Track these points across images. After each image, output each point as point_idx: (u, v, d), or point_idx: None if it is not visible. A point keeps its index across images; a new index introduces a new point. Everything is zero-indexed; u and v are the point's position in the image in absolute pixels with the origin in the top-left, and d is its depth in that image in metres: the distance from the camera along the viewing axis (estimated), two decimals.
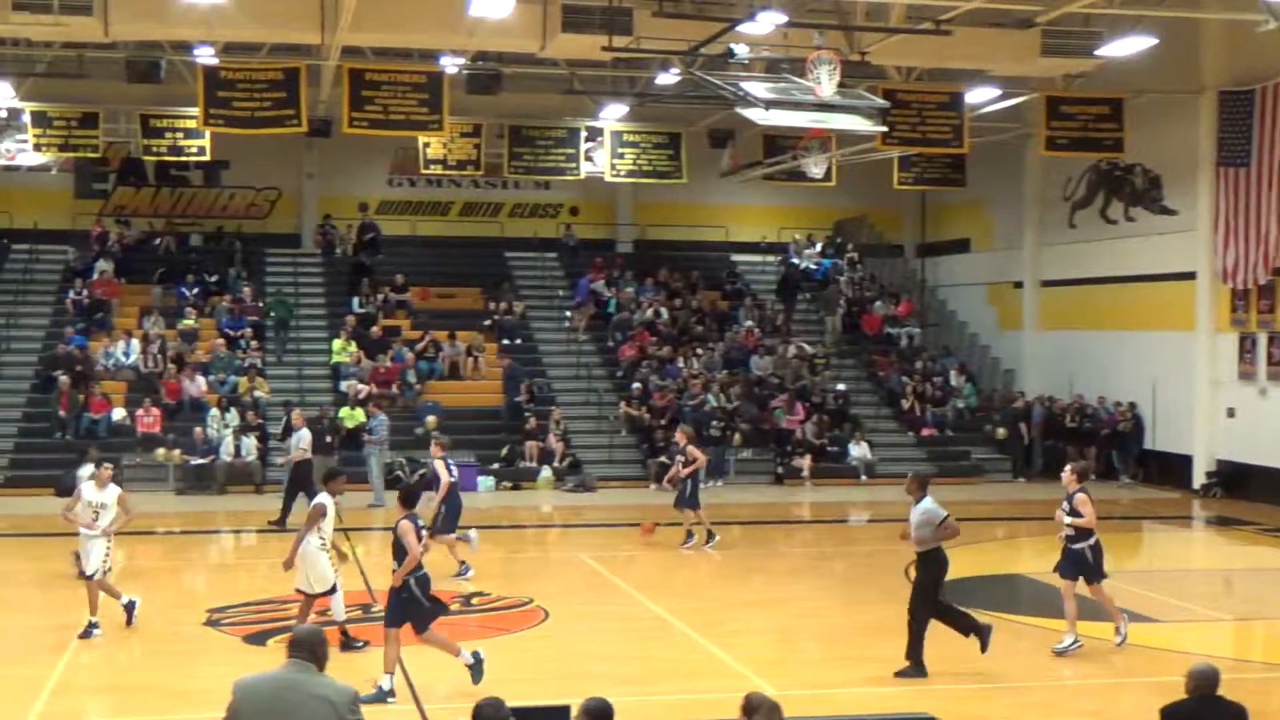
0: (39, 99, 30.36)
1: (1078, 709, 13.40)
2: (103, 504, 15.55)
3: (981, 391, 36.33)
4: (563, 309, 37.71)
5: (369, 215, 39.04)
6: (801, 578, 21.27)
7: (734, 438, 32.33)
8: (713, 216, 40.74)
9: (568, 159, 32.50)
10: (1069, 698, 13.70)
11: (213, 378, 32.07)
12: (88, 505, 15.54)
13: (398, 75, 26.74)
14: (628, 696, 12.26)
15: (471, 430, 32.14)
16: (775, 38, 22.88)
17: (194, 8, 23.52)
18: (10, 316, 34.46)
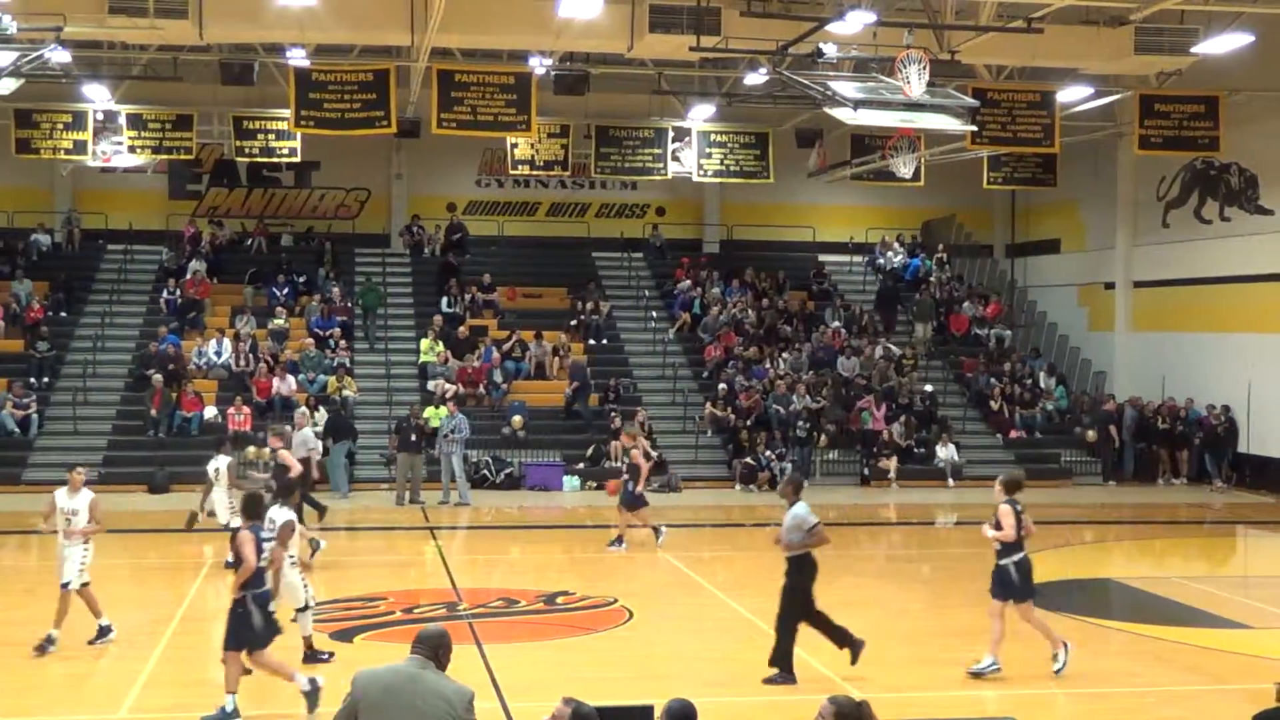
0: (135, 102, 30.89)
1: (1164, 715, 13.19)
2: (75, 510, 14.60)
3: (1072, 394, 35.89)
4: (649, 309, 37.72)
5: (457, 216, 39.35)
6: (887, 580, 21.12)
7: (820, 439, 32.18)
8: (800, 216, 40.58)
9: (654, 159, 32.54)
10: (1157, 705, 13.48)
11: (302, 377, 32.41)
12: (60, 512, 14.59)
13: (486, 76, 26.90)
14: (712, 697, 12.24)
15: (557, 430, 32.26)
16: (864, 37, 22.76)
17: (287, 10, 23.80)
18: (105, 316, 35.06)
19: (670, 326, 36.86)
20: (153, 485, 28.72)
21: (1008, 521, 13.88)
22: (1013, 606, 14.04)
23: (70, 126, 30.53)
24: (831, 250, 41.31)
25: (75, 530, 14.51)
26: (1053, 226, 40.25)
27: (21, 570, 21.50)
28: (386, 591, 18.40)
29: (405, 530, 25.00)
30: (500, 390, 32.79)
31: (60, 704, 12.66)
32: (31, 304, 34.26)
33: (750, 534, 25.98)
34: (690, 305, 37.13)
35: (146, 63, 29.57)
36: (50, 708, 12.53)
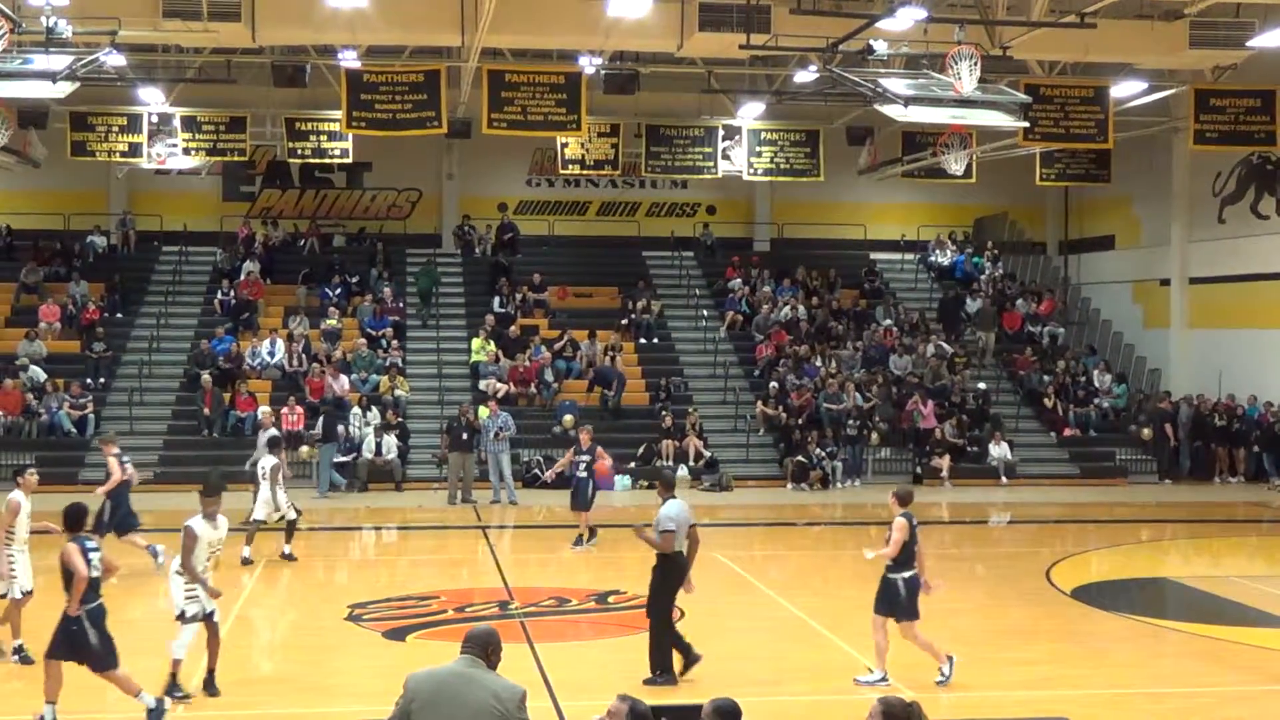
0: (189, 104, 31.18)
1: (1222, 716, 13.03)
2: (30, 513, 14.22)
3: (1127, 391, 35.59)
4: (700, 308, 37.69)
5: (508, 215, 39.45)
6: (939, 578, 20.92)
7: (872, 437, 32.06)
8: (851, 214, 40.44)
9: (705, 158, 32.54)
10: (1214, 705, 13.32)
11: (355, 376, 32.59)
12: None
13: (536, 76, 26.98)
14: (761, 697, 12.23)
15: (609, 429, 32.25)
16: (915, 33, 22.65)
17: (338, 13, 23.96)
18: (160, 317, 35.38)
19: (721, 325, 36.81)
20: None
21: (895, 537, 13.41)
22: (895, 624, 13.47)
23: (125, 129, 30.89)
24: (883, 248, 41.15)
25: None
26: (1107, 223, 39.93)
27: None
28: (439, 590, 18.46)
29: (457, 529, 25.09)
30: (551, 389, 32.84)
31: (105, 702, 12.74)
32: (88, 305, 34.62)
33: (802, 533, 25.92)
34: (741, 304, 37.08)
35: (200, 65, 29.82)
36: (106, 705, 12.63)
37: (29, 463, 15.65)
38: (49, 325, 33.92)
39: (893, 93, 21.87)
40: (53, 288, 35.68)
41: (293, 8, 24.28)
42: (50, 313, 34.26)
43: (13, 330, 33.98)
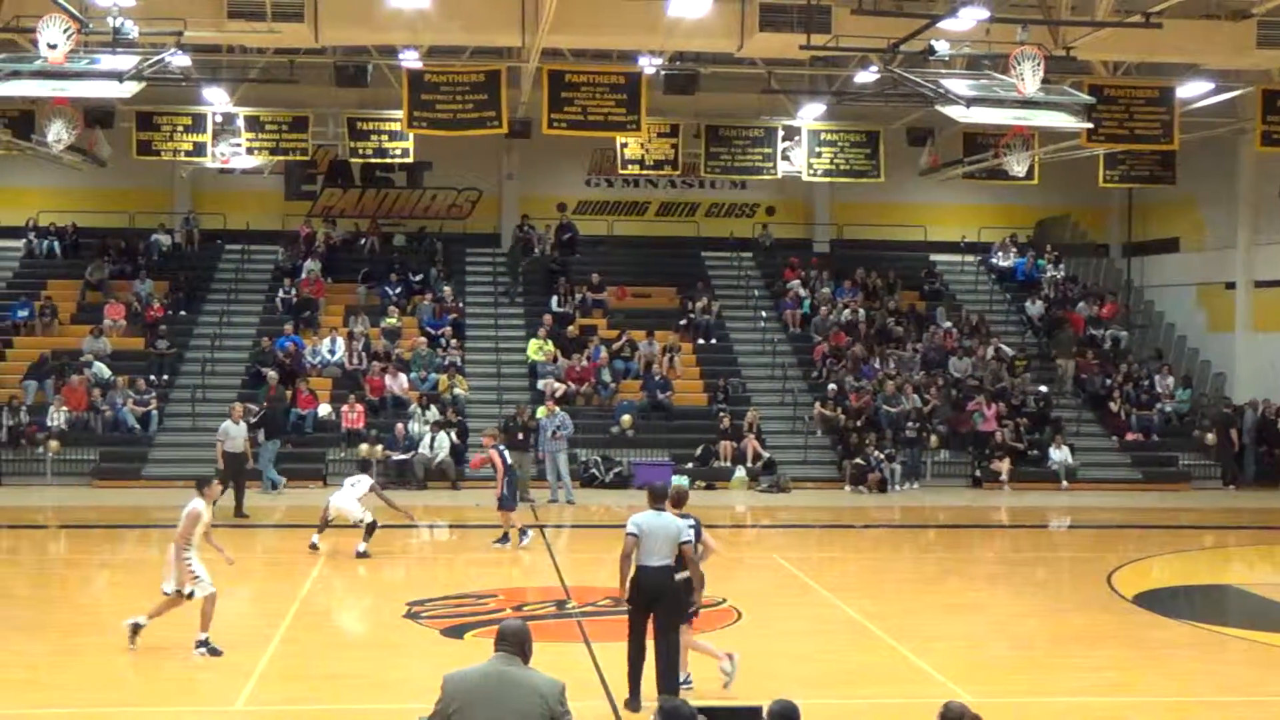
0: (252, 104, 31.44)
1: None
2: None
3: (1191, 395, 35.21)
4: (758, 309, 37.62)
5: (567, 215, 39.51)
6: (999, 583, 20.85)
7: (930, 439, 31.89)
8: (911, 216, 40.25)
9: (764, 158, 32.46)
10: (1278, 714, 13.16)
11: (414, 375, 32.75)
12: None
13: (596, 76, 26.97)
14: (820, 699, 12.18)
15: (666, 429, 32.27)
16: (977, 33, 22.49)
17: (400, 13, 24.06)
18: (223, 315, 35.71)
19: (779, 326, 36.72)
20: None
21: (709, 542, 12.92)
22: None
23: (190, 129, 31.17)
24: (943, 250, 40.91)
25: None
26: (1171, 225, 39.52)
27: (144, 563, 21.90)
28: (496, 589, 18.52)
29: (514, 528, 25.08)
30: (609, 389, 32.87)
31: (176, 697, 12.88)
32: (152, 303, 34.98)
33: (859, 535, 25.80)
34: (800, 305, 36.98)
35: (264, 66, 30.04)
36: (168, 699, 12.77)
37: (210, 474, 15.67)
38: (114, 323, 34.32)
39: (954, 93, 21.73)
40: (118, 285, 36.10)
41: (355, 8, 24.40)
42: (115, 310, 34.65)
43: (78, 327, 34.40)
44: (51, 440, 30.01)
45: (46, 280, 36.65)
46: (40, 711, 12.23)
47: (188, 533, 14.14)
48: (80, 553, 23.26)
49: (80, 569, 21.59)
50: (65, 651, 14.48)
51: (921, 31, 21.03)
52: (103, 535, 24.27)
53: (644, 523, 12.30)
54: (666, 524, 12.40)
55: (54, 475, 29.81)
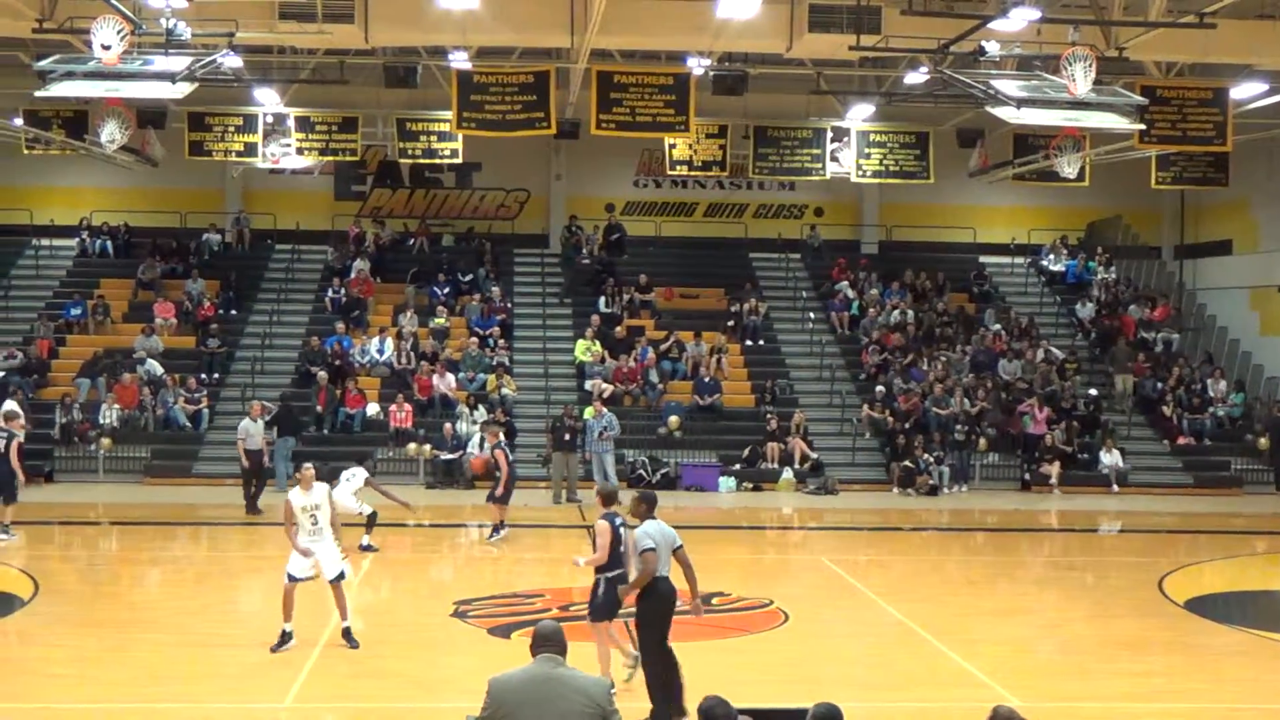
0: (303, 105, 31.62)
1: None
2: (316, 505, 14.73)
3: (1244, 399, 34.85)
4: (806, 310, 37.53)
5: (615, 216, 39.54)
6: (1048, 587, 20.73)
7: (979, 442, 31.71)
8: (960, 217, 40.06)
9: (813, 159, 32.37)
10: None
11: (462, 375, 32.85)
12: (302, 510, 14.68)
13: (645, 77, 26.96)
14: (867, 702, 12.15)
15: (713, 430, 32.23)
16: (1028, 34, 22.34)
17: (449, 14, 24.14)
18: (273, 314, 35.95)
19: (827, 328, 36.62)
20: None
21: (600, 541, 12.82)
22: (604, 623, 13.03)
23: (241, 129, 31.39)
24: (992, 252, 40.69)
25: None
26: (1224, 227, 39.16)
27: (193, 560, 22.11)
28: (543, 588, 18.56)
29: (561, 529, 25.18)
30: (656, 390, 32.87)
31: (224, 693, 12.97)
32: (203, 302, 35.24)
33: (907, 538, 25.69)
34: (849, 306, 36.87)
35: (314, 67, 30.21)
36: (218, 695, 12.86)
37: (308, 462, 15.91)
38: (165, 321, 34.60)
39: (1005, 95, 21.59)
40: (169, 284, 36.40)
41: (405, 9, 24.50)
42: (166, 309, 34.94)
43: (130, 326, 34.70)
44: (104, 438, 30.28)
45: (99, 279, 37.00)
46: (92, 706, 12.35)
47: (291, 519, 14.62)
48: (131, 549, 23.46)
49: (131, 565, 21.77)
50: (117, 647, 14.61)
51: (972, 32, 20.92)
52: (154, 532, 24.45)
53: (655, 534, 12.24)
54: (667, 532, 12.42)
55: (106, 472, 30.08)
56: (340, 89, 30.12)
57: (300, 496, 14.60)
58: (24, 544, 21.90)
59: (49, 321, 34.53)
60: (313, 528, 14.53)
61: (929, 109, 32.14)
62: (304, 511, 14.55)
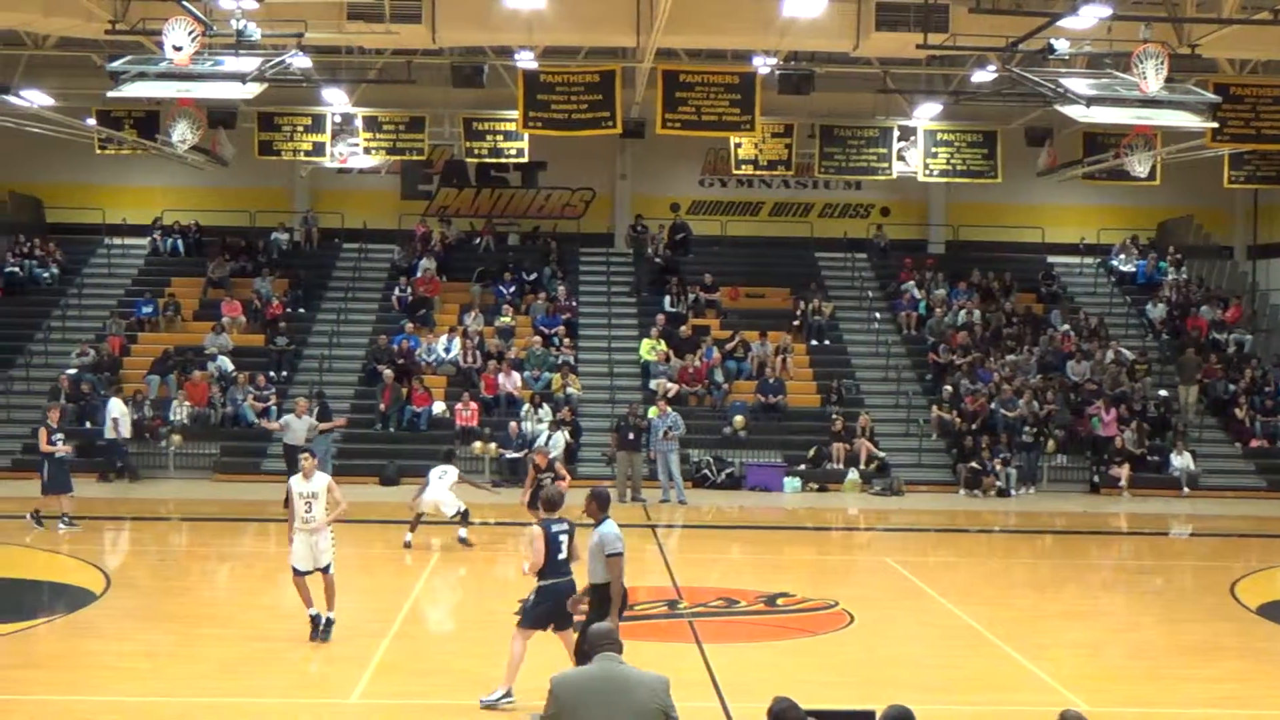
0: (370, 104, 31.84)
1: None
2: (314, 494, 14.76)
3: None
4: (873, 310, 37.35)
5: (680, 215, 39.52)
6: (1117, 591, 20.52)
7: (1047, 444, 31.42)
8: (1028, 217, 39.72)
9: (880, 159, 32.24)
10: None
11: (528, 374, 32.95)
12: (299, 497, 14.76)
13: (710, 76, 26.94)
14: (933, 705, 12.05)
15: (778, 430, 32.14)
16: (1098, 32, 22.11)
17: (516, 14, 24.23)
18: (340, 312, 36.20)
19: (893, 328, 36.44)
20: (383, 478, 29.53)
21: (534, 547, 12.60)
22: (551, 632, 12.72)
23: (309, 129, 31.67)
24: (1061, 251, 40.33)
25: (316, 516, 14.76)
26: None
27: (261, 556, 22.31)
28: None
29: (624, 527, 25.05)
30: (721, 390, 32.82)
31: (293, 689, 13.07)
32: (271, 300, 35.56)
33: (974, 540, 25.52)
34: (915, 306, 36.66)
35: (382, 66, 30.39)
36: (285, 691, 12.96)
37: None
38: (234, 319, 34.93)
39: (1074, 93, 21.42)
40: (238, 283, 36.75)
41: (472, 9, 24.61)
42: (235, 307, 35.27)
43: (200, 324, 35.06)
44: (174, 434, 30.61)
45: (170, 277, 37.43)
46: (162, 700, 12.47)
47: None
48: (201, 545, 23.73)
49: (201, 561, 22.00)
50: (187, 642, 14.76)
51: (1041, 30, 20.74)
52: (222, 528, 24.71)
53: (619, 535, 11.99)
54: (618, 536, 12.10)
55: (176, 468, 30.41)
56: (407, 89, 30.28)
57: (300, 484, 14.78)
58: (95, 538, 22.17)
59: (121, 319, 34.97)
60: (306, 515, 14.69)
61: (997, 107, 31.94)
62: (300, 498, 14.76)
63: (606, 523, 12.02)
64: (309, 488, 14.71)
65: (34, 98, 29.91)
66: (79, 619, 16.09)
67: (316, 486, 14.73)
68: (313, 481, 14.75)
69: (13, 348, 34.28)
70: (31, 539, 21.52)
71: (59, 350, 33.95)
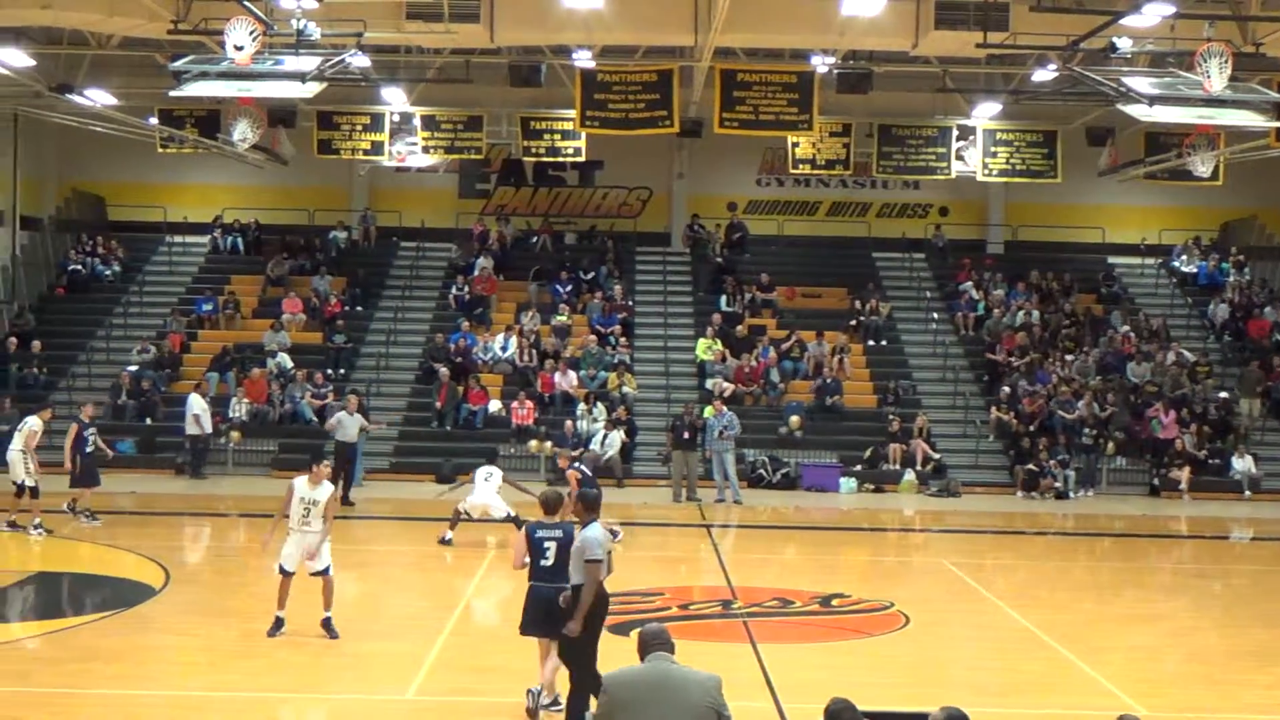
0: (428, 104, 32.00)
1: None
2: (315, 501, 14.73)
3: None
4: (930, 310, 37.15)
5: (737, 215, 39.46)
6: (1176, 595, 20.31)
7: (1107, 446, 31.15)
8: (1088, 217, 39.39)
9: (938, 158, 32.07)
10: None
11: (583, 373, 32.99)
12: (300, 501, 14.77)
13: (768, 75, 26.92)
14: (988, 708, 11.97)
15: (834, 431, 32.03)
16: (1161, 30, 21.93)
17: (574, 13, 24.29)
18: (398, 310, 36.38)
19: (951, 328, 36.22)
20: (440, 476, 29.63)
21: (517, 546, 12.25)
22: None
23: (368, 128, 31.87)
24: (1122, 252, 39.95)
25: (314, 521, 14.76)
26: None
27: None
28: (663, 587, 18.57)
29: (680, 527, 25.19)
30: (777, 390, 32.74)
31: (350, 684, 13.15)
32: (329, 298, 35.79)
33: (1032, 542, 25.33)
34: (974, 307, 36.43)
35: (440, 66, 30.53)
36: (342, 686, 13.04)
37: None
38: (292, 317, 35.17)
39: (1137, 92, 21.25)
40: (297, 281, 37.00)
41: (530, 9, 24.69)
42: (294, 305, 35.51)
43: (259, 321, 35.33)
44: (233, 431, 30.86)
45: (230, 275, 37.73)
46: (221, 695, 12.58)
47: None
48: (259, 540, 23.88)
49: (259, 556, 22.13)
50: (245, 637, 14.88)
51: (1103, 28, 20.57)
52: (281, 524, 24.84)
53: (603, 539, 11.41)
54: (606, 536, 11.60)
55: (235, 465, 30.65)
56: (465, 88, 30.39)
57: (305, 489, 14.72)
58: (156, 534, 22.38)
59: (181, 317, 35.31)
60: (303, 519, 14.69)
61: (1057, 107, 31.68)
62: (301, 503, 14.73)
63: (592, 525, 11.50)
64: (312, 495, 14.70)
65: (97, 97, 30.26)
66: (140, 614, 16.24)
67: (320, 495, 14.72)
68: (318, 490, 14.73)
69: (75, 344, 34.67)
70: (70, 530, 21.80)
71: (120, 347, 34.33)
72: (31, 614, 16.88)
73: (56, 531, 21.26)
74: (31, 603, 17.46)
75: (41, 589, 18.08)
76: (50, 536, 20.91)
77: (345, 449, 26.05)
